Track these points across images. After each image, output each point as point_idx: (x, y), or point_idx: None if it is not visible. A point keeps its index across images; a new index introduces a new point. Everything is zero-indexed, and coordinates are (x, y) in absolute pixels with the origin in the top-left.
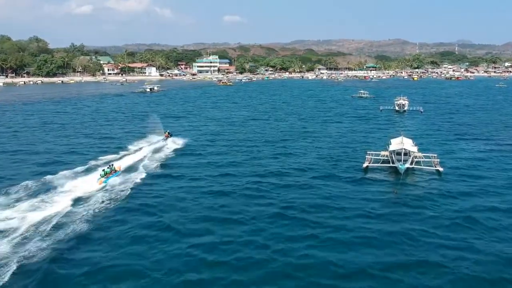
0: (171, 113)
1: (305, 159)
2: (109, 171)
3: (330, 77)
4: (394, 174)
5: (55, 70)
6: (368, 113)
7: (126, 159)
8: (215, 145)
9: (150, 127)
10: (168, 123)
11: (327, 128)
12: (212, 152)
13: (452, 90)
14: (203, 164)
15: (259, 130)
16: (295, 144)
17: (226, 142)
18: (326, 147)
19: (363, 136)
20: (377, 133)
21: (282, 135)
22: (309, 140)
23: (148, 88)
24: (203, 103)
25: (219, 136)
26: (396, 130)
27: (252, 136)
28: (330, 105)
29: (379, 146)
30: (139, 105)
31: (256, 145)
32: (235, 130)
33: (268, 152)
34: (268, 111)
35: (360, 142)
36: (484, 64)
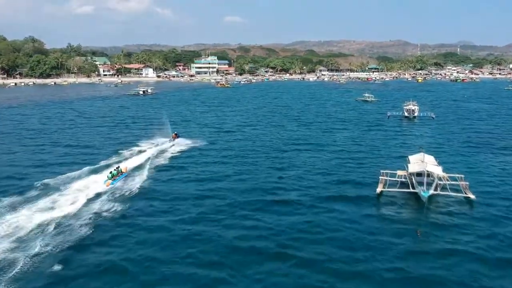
0: (160, 118)
1: (306, 177)
2: (116, 173)
3: (332, 78)
4: (415, 202)
5: (48, 71)
6: (375, 120)
7: (132, 160)
8: (203, 157)
9: (135, 134)
10: (154, 130)
11: (331, 137)
12: (196, 169)
13: (460, 93)
14: None
15: (256, 138)
16: (296, 157)
17: (215, 153)
18: (332, 162)
19: (372, 148)
20: (388, 143)
21: (282, 145)
22: (311, 152)
23: (141, 90)
24: (197, 107)
25: (211, 146)
26: (408, 139)
27: (247, 146)
28: (333, 110)
29: (391, 160)
30: (127, 109)
31: (251, 157)
32: (228, 139)
33: (264, 168)
34: (267, 117)
35: (369, 156)
36: (489, 65)
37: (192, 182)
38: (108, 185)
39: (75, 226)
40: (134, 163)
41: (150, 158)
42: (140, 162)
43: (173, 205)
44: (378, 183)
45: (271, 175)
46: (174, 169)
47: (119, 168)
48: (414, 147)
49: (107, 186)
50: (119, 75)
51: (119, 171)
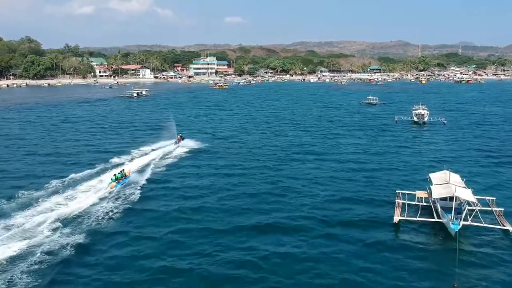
0: (149, 123)
1: (308, 195)
2: (120, 176)
3: (333, 80)
4: (442, 236)
5: (42, 72)
6: (381, 125)
7: (136, 162)
8: (195, 168)
9: (116, 143)
10: (138, 137)
11: (336, 145)
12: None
13: (467, 95)
14: None
15: (253, 146)
16: (297, 169)
17: (205, 164)
18: (338, 176)
19: (382, 159)
20: (399, 154)
21: (282, 154)
22: (314, 163)
23: (135, 92)
24: (192, 110)
25: (204, 154)
26: (421, 149)
27: (243, 155)
28: (336, 113)
29: (405, 174)
30: (117, 113)
31: (246, 168)
32: (221, 147)
33: (260, 183)
34: (266, 121)
35: (380, 168)
36: (492, 66)
37: (175, 201)
38: (112, 187)
39: (79, 229)
40: (138, 165)
41: (154, 161)
42: (144, 164)
43: (173, 211)
44: (395, 208)
45: (268, 192)
46: (175, 174)
47: (123, 171)
48: (428, 158)
49: (111, 188)
50: (115, 76)
51: (123, 174)
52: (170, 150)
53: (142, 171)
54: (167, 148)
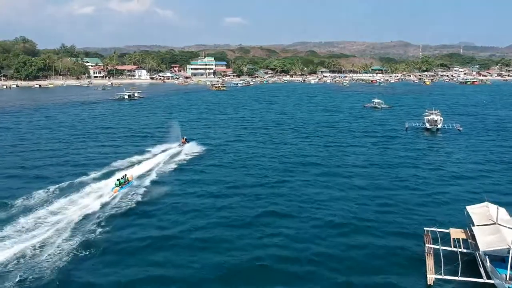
0: (133, 129)
1: (309, 229)
2: (124, 181)
3: (334, 80)
4: None
5: (35, 72)
6: (391, 132)
7: (140, 167)
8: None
9: (91, 153)
10: (117, 146)
11: (342, 157)
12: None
13: (475, 97)
14: None
15: (246, 157)
16: (298, 189)
17: (183, 184)
18: (344, 199)
19: (396, 176)
20: (418, 170)
21: (280, 169)
22: (319, 182)
23: (127, 94)
24: (186, 114)
25: (183, 168)
26: (441, 163)
27: (234, 170)
28: (340, 118)
29: (425, 194)
30: (102, 118)
31: (237, 188)
32: (209, 160)
33: (255, 209)
34: (263, 127)
35: (395, 187)
36: (496, 67)
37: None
38: (116, 192)
39: (83, 233)
40: (141, 170)
41: (157, 165)
42: (147, 169)
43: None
44: (425, 256)
45: (263, 226)
46: (183, 174)
47: (126, 176)
48: (452, 174)
49: (115, 193)
50: (110, 77)
51: (126, 179)
52: (174, 153)
53: (145, 175)
54: (171, 151)
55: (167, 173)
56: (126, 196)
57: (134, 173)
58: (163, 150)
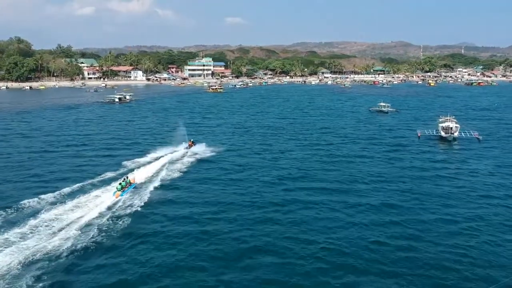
0: (115, 138)
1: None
2: (125, 184)
3: (335, 82)
4: None
5: (26, 74)
6: (402, 140)
7: (143, 170)
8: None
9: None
10: (82, 164)
11: (352, 173)
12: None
13: (485, 99)
14: None
15: (239, 174)
16: (301, 217)
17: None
18: (359, 240)
19: (418, 200)
20: (439, 186)
21: (277, 191)
22: (325, 208)
23: (117, 97)
24: (178, 118)
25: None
26: (467, 183)
27: (219, 194)
28: (345, 123)
29: (461, 230)
30: (86, 123)
31: (221, 216)
32: (196, 178)
33: (236, 250)
34: (259, 134)
35: (420, 221)
36: (500, 67)
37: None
38: (118, 196)
39: (85, 238)
40: (145, 173)
41: (162, 167)
42: (151, 171)
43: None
44: None
45: (258, 272)
46: (188, 178)
47: (127, 179)
48: (486, 199)
49: (117, 197)
50: (105, 78)
51: (128, 182)
52: (180, 156)
53: (149, 177)
54: (177, 154)
55: (167, 179)
56: (128, 200)
57: (138, 175)
58: (169, 152)
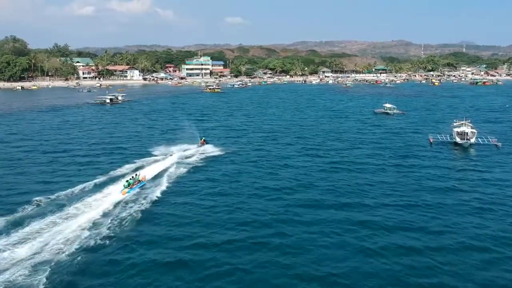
0: (102, 142)
1: None
2: (133, 182)
3: (337, 81)
4: None
5: (19, 73)
6: (413, 146)
7: (154, 167)
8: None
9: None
10: (63, 171)
11: (358, 189)
12: None
13: (494, 101)
14: None
15: (230, 189)
16: (297, 247)
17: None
18: (374, 276)
19: (437, 226)
20: (460, 204)
21: (280, 204)
22: (329, 241)
23: (108, 98)
24: (170, 121)
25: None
26: (494, 199)
27: (213, 209)
28: (348, 126)
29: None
30: (68, 128)
31: (203, 244)
32: (185, 186)
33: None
34: (258, 140)
35: (443, 247)
36: (504, 66)
37: None
38: (124, 193)
39: (90, 235)
40: (155, 170)
41: (172, 165)
42: (161, 169)
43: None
44: None
45: None
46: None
47: (136, 177)
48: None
49: (123, 195)
50: (100, 77)
51: (136, 179)
52: (191, 154)
53: (159, 175)
54: (189, 151)
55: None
56: (135, 198)
57: (148, 173)
58: (182, 149)
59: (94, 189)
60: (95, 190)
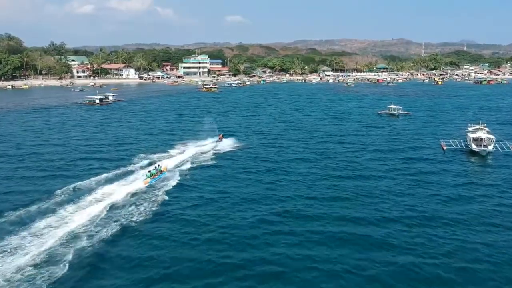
0: (81, 148)
1: None
2: (155, 172)
3: (337, 80)
4: None
5: (11, 72)
6: (424, 151)
7: (174, 159)
8: None
9: None
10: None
11: (368, 204)
12: None
13: (503, 101)
14: None
15: (220, 209)
16: None
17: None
18: None
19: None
20: (496, 237)
21: (270, 233)
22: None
23: (98, 98)
24: (158, 123)
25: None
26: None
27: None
28: (351, 129)
29: None
30: (48, 130)
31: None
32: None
33: None
34: (252, 144)
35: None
36: (507, 65)
37: None
38: (146, 183)
39: (112, 223)
40: (176, 162)
41: (192, 157)
42: (181, 161)
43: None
44: None
45: None
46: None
47: (158, 167)
48: None
49: (145, 184)
50: (95, 76)
51: (159, 170)
52: (210, 149)
53: (179, 167)
54: (207, 146)
55: None
56: (156, 187)
57: (170, 164)
58: (201, 145)
59: None
60: None
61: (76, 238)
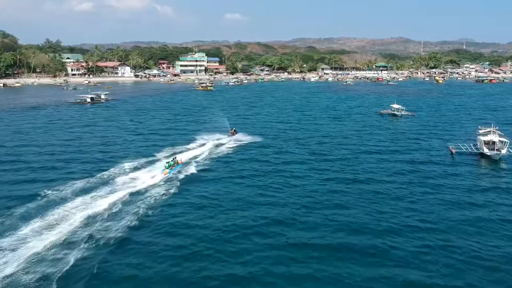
0: (64, 151)
1: None
2: (173, 163)
3: (337, 78)
4: None
5: (3, 70)
6: (431, 155)
7: (189, 153)
8: None
9: None
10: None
11: (379, 219)
12: None
13: (507, 100)
14: None
15: (212, 225)
16: None
17: None
18: None
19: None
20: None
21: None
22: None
23: (89, 97)
24: (149, 123)
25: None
26: None
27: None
28: (353, 130)
29: None
30: (30, 130)
31: None
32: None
33: None
34: (250, 148)
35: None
36: (508, 63)
37: None
38: (166, 173)
39: (135, 209)
40: (191, 155)
41: (206, 151)
42: (196, 154)
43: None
44: None
45: None
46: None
47: (175, 159)
48: None
49: (165, 174)
50: (90, 74)
51: (175, 161)
52: (223, 143)
53: (194, 159)
54: (221, 141)
55: None
56: (174, 177)
57: (184, 157)
58: (216, 139)
59: None
60: None
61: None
